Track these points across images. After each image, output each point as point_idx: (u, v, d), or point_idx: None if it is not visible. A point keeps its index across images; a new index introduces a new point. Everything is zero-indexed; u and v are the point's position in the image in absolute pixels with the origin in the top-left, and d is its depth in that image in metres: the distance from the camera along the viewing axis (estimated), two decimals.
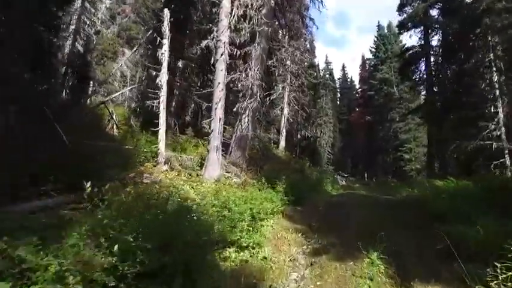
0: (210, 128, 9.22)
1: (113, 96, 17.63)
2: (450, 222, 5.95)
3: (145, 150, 9.80)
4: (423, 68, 20.13)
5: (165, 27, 9.93)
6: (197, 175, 8.85)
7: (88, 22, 25.60)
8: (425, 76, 19.91)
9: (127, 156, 9.10)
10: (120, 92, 18.25)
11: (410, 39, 20.27)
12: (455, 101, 16.16)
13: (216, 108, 9.21)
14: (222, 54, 9.64)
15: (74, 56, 22.18)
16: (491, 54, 13.95)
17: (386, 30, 48.79)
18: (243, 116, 12.30)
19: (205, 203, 5.82)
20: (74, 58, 21.53)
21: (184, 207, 4.67)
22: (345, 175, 36.85)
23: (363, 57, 59.68)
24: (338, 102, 64.36)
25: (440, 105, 17.77)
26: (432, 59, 19.49)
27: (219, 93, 9.29)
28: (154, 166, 9.00)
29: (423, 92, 20.90)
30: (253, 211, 5.70)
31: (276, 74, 27.13)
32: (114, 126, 15.16)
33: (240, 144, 12.09)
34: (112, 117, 15.36)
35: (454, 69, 16.72)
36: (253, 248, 4.90)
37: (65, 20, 25.88)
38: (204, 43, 10.27)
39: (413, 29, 20.28)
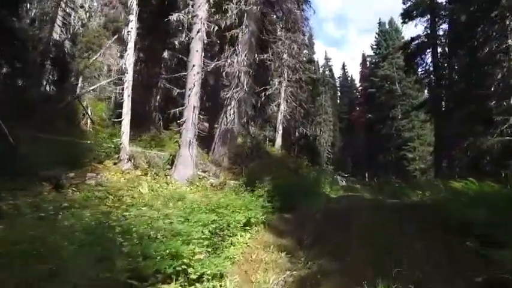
0: (182, 118, 7.67)
1: (90, 89, 16.13)
2: (484, 238, 4.45)
3: (108, 145, 8.26)
4: (429, 59, 18.61)
5: (132, 1, 8.40)
6: (165, 175, 7.32)
7: (73, 14, 24.19)
8: (431, 68, 18.36)
9: (83, 152, 7.60)
10: (98, 85, 16.71)
11: (416, 28, 18.48)
12: (466, 94, 14.63)
13: (189, 95, 7.67)
14: (198, 32, 8.10)
15: (53, 48, 20.70)
16: (510, 40, 12.41)
17: (387, 26, 47.24)
18: (228, 108, 10.79)
19: (158, 213, 4.29)
20: (52, 49, 20.01)
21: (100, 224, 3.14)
22: (345, 175, 35.32)
23: (364, 54, 57.95)
24: (338, 101, 62.83)
25: (449, 98, 16.21)
26: (439, 50, 17.94)
27: (194, 78, 7.76)
28: (115, 164, 7.46)
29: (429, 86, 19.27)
30: (218, 224, 4.17)
31: (272, 68, 25.67)
32: (89, 121, 13.69)
33: (224, 139, 10.58)
34: (86, 112, 13.90)
35: (464, 58, 15.14)
36: (209, 281, 3.34)
37: (48, 10, 24.54)
38: (174, 16, 8.70)
39: (419, 18, 18.72)
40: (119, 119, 7.92)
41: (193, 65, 7.82)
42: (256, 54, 13.13)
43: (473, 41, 14.11)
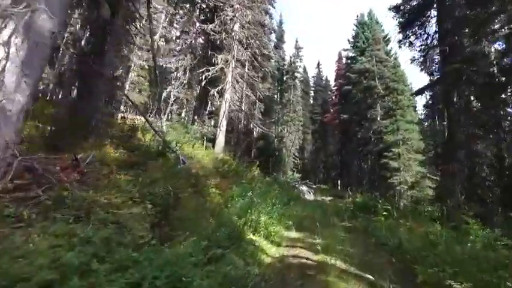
0: None
1: None
2: None
3: None
4: (432, 29, 12.80)
5: None
6: None
7: None
8: (435, 42, 12.54)
9: None
10: None
11: None
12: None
13: None
14: None
15: None
16: None
17: (366, 18, 42.11)
18: None
19: None
20: None
21: None
22: (313, 185, 29.38)
23: (340, 53, 52.58)
24: (311, 101, 57.37)
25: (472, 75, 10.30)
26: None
27: None
28: None
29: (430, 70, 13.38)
30: None
31: (217, 42, 19.21)
32: None
33: None
34: None
35: None
36: None
37: None
38: None
39: None
40: None
41: None
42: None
43: None
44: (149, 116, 22.08)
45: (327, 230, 8.83)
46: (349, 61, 41.39)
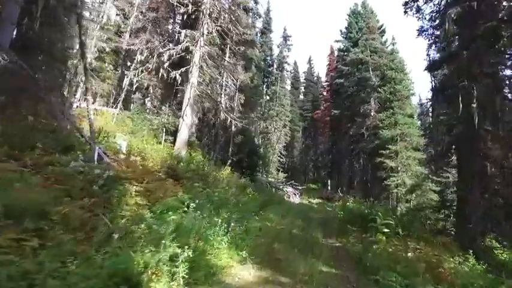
0: None
1: None
2: None
3: None
4: None
5: None
6: None
7: None
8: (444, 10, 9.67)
9: None
10: None
11: None
12: None
13: None
14: None
15: None
16: None
17: (360, 8, 39.30)
18: None
19: None
20: None
21: None
22: (299, 187, 26.45)
23: (331, 46, 49.45)
24: (301, 97, 54.45)
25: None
26: None
27: None
28: None
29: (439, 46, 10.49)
30: None
31: (185, 19, 16.12)
32: None
33: None
34: None
35: None
36: None
37: None
38: None
39: None
40: None
41: None
42: None
43: None
44: (112, 106, 18.93)
45: (304, 261, 5.92)
46: (341, 53, 38.47)
